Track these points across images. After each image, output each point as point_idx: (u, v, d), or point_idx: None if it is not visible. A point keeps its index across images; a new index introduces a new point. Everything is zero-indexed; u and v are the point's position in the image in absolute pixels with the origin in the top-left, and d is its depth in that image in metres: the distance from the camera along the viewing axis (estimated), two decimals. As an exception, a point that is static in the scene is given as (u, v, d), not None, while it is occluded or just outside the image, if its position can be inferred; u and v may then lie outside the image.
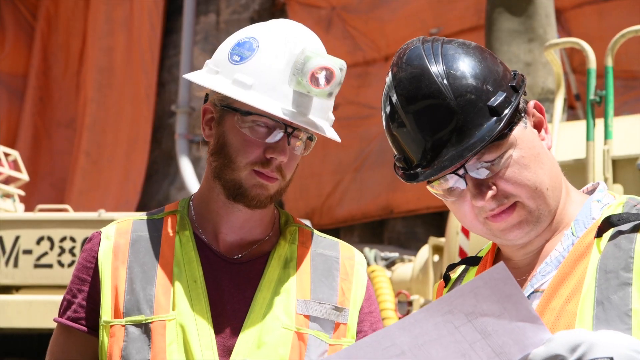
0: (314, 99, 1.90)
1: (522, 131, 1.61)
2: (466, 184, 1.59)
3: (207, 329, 1.85)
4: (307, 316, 1.88)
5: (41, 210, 5.36)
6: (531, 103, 1.66)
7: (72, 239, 5.08)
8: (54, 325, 1.97)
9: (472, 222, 1.62)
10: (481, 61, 1.61)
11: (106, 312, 1.87)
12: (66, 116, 11.20)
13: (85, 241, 4.98)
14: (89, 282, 1.92)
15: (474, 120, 1.57)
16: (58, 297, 5.05)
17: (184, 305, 1.85)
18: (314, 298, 1.90)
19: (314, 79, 1.86)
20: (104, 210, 5.15)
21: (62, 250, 5.08)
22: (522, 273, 1.63)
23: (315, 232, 2.01)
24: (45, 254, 5.07)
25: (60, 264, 5.07)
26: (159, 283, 1.87)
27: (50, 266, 5.05)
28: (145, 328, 1.84)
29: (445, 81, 1.57)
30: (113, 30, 10.95)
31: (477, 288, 1.41)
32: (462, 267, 1.79)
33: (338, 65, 1.87)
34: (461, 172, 1.58)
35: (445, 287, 1.79)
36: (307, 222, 2.08)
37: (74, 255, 5.06)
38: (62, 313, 1.95)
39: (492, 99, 1.58)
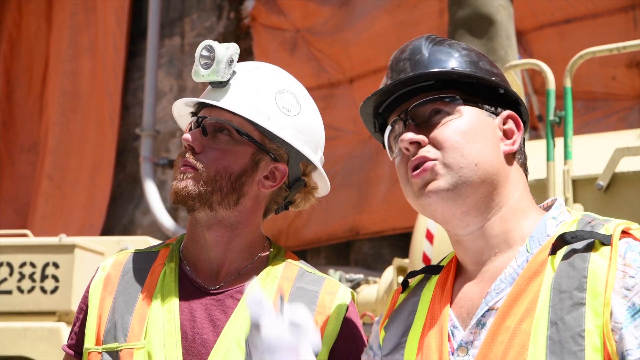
0: (228, 89, 1.92)
1: (478, 114, 1.65)
2: (405, 125, 1.64)
3: (175, 358, 1.86)
4: None
5: (0, 235, 5.29)
6: (505, 112, 1.68)
7: (32, 265, 5.00)
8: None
9: (405, 184, 1.66)
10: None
11: (89, 340, 1.93)
12: (29, 140, 11.09)
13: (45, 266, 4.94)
14: (84, 310, 1.99)
15: (472, 62, 1.67)
16: (18, 324, 5.00)
17: (156, 334, 1.88)
18: None
19: (201, 63, 1.92)
20: (64, 235, 5.09)
21: (22, 276, 5.00)
22: (477, 290, 1.63)
23: (305, 268, 2.00)
24: (5, 280, 4.99)
25: (20, 290, 4.98)
26: (137, 312, 1.91)
27: (9, 292, 4.96)
28: (115, 355, 1.88)
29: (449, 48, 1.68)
30: (77, 54, 10.88)
31: None
32: (422, 275, 1.79)
33: (224, 46, 1.90)
34: (403, 116, 1.65)
35: (402, 292, 1.78)
36: (302, 261, 2.04)
37: (33, 281, 4.98)
38: (67, 339, 2.05)
39: (493, 76, 1.68)
